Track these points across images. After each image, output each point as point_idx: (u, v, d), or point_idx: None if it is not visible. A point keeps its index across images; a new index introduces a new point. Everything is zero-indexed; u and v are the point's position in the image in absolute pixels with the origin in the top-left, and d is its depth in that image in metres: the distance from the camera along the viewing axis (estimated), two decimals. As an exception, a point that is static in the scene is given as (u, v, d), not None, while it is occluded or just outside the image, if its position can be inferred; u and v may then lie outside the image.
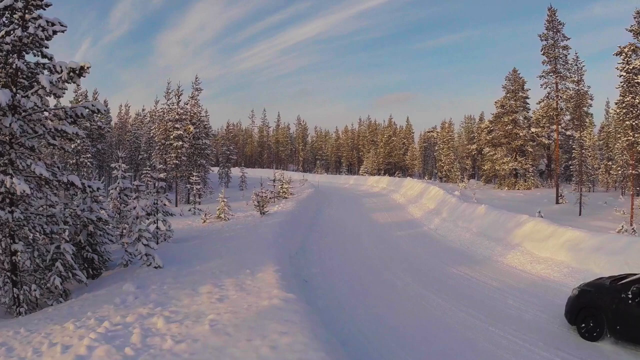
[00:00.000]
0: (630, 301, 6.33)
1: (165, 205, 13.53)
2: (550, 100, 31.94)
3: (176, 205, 25.75)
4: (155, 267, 8.89)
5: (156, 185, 13.72)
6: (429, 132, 78.44)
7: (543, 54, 32.86)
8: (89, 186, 9.64)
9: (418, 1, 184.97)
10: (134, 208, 13.16)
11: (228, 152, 46.11)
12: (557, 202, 29.69)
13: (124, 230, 11.77)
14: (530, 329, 7.42)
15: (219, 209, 17.42)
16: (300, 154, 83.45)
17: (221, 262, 8.61)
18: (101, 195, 11.89)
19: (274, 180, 22.92)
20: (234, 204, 25.21)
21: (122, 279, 8.72)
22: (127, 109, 52.86)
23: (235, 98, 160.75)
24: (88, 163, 30.40)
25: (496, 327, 7.58)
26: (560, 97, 31.56)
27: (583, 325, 6.88)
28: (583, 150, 30.84)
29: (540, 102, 33.28)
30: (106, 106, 47.17)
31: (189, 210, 22.18)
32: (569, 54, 32.19)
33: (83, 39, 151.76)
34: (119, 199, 14.28)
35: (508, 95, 47.46)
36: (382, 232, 18.89)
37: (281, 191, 24.50)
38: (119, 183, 14.11)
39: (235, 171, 46.36)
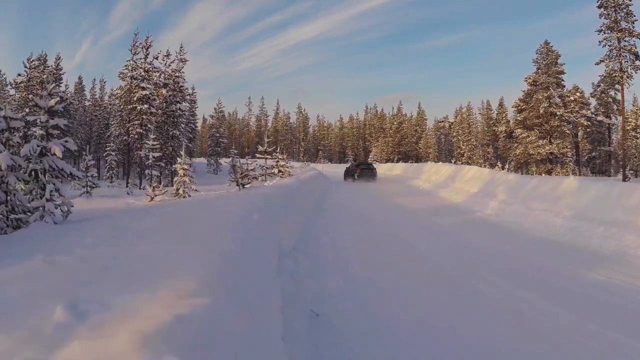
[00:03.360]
0: (348, 169, 29.71)
1: (57, 158, 7.49)
2: (612, 60, 25.77)
3: (140, 188, 19.75)
4: None
5: (44, 123, 7.67)
6: (440, 122, 73.09)
7: (599, 6, 26.79)
8: None
9: (418, 1, 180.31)
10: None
11: (217, 135, 39.55)
12: (625, 186, 23.61)
13: None
14: None
15: (176, 181, 11.35)
16: (301, 144, 76.95)
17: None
18: None
19: (265, 152, 16.73)
20: (217, 187, 20.24)
21: None
22: (103, 84, 46.04)
23: (235, 98, 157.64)
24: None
25: None
26: (624, 55, 25.40)
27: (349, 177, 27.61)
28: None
29: (599, 62, 27.08)
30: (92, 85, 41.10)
31: (143, 187, 16.12)
32: (632, 3, 26.05)
33: (83, 39, 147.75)
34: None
35: (540, 70, 41.29)
36: (421, 220, 12.79)
37: (276, 169, 18.44)
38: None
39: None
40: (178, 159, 11.52)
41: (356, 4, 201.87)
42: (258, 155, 17.40)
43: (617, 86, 61.24)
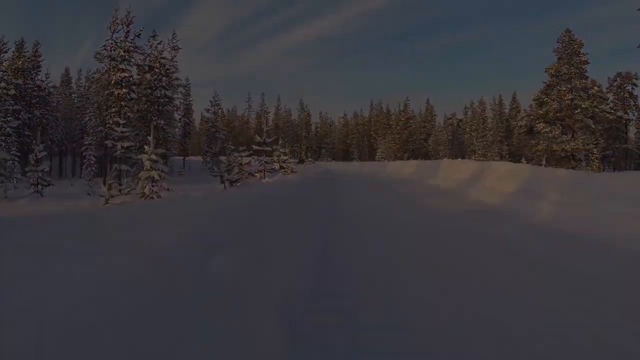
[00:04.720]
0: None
1: None
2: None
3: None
4: None
5: None
6: (448, 119, 70.19)
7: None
8: None
9: (419, 2, 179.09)
10: None
11: (214, 130, 36.45)
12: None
13: None
14: None
15: (141, 177, 8.36)
16: (303, 141, 73.79)
17: None
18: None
19: (263, 142, 13.77)
20: (206, 185, 17.62)
21: None
22: (90, 75, 42.70)
23: (235, 99, 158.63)
24: (8, 129, 21.39)
25: None
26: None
27: None
28: None
29: (643, 45, 24.03)
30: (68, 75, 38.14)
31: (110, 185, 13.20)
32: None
33: (84, 39, 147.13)
34: None
35: (561, 60, 38.29)
36: (471, 231, 9.74)
37: (277, 163, 15.45)
38: None
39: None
40: (146, 147, 8.56)
41: (356, 4, 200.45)
42: (255, 147, 14.44)
43: (634, 80, 57.94)
